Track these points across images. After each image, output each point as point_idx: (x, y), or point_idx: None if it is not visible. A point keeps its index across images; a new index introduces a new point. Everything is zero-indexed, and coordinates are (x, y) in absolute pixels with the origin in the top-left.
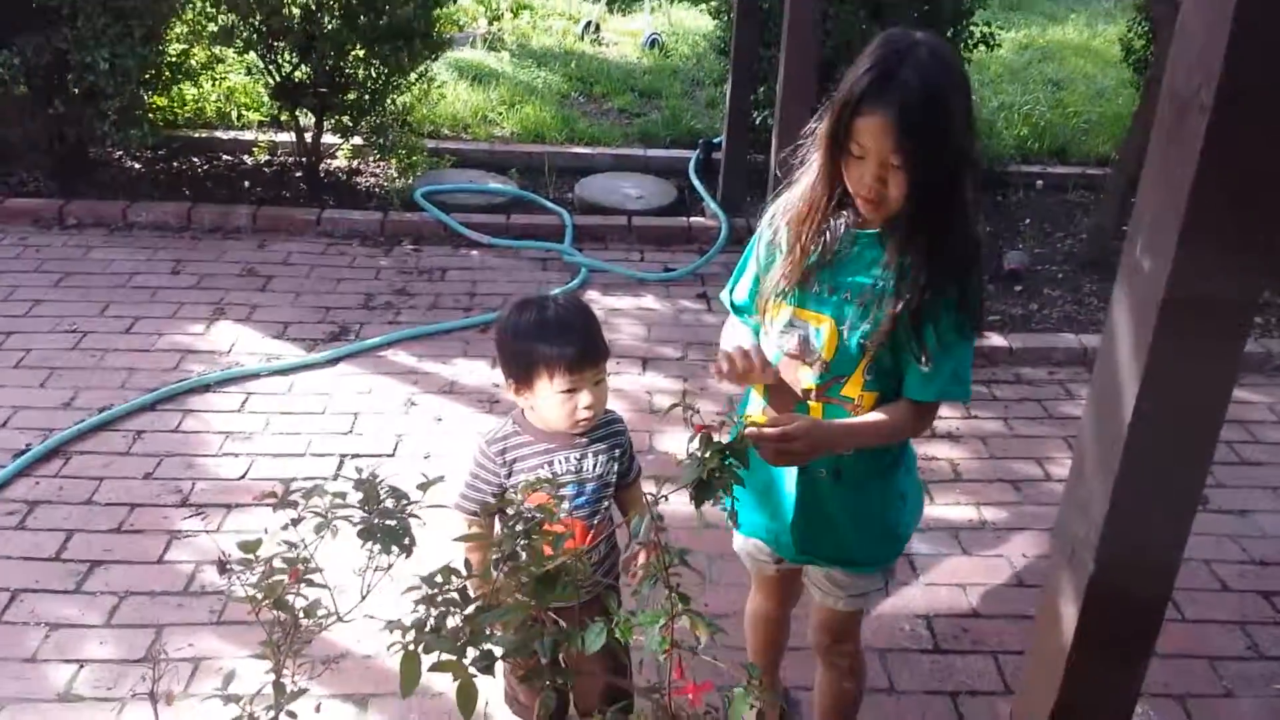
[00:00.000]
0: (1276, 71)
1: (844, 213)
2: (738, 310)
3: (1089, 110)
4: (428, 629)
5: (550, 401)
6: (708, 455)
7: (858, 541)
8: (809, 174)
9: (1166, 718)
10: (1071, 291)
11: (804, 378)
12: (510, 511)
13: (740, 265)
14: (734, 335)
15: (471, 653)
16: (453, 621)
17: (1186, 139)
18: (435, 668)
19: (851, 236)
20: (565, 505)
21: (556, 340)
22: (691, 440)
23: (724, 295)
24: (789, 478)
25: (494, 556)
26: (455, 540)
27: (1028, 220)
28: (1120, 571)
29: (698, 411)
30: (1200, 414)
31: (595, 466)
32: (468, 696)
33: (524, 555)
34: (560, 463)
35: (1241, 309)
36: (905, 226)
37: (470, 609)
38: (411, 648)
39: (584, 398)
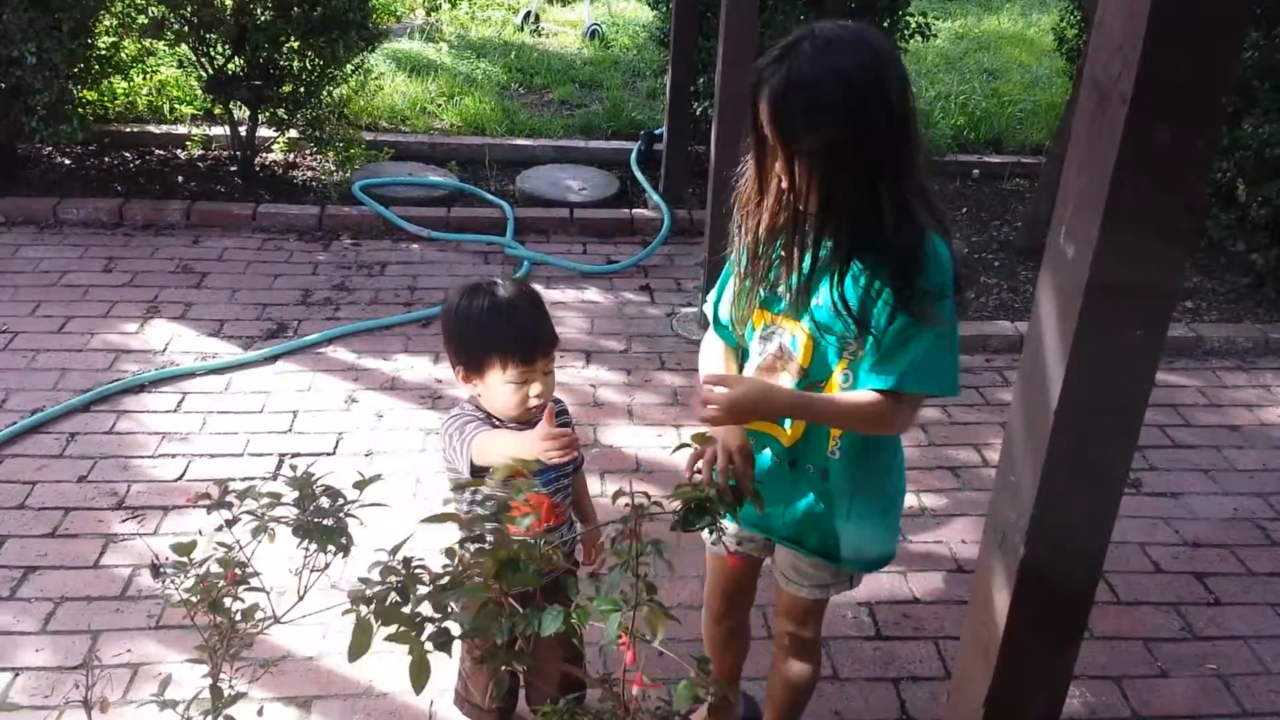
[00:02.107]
0: (1194, 61)
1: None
2: (719, 324)
3: (1024, 99)
4: (389, 602)
5: (501, 390)
6: (709, 489)
7: (840, 537)
8: (749, 165)
9: (1102, 699)
10: (1007, 279)
11: (783, 383)
12: (483, 493)
13: (723, 277)
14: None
15: (429, 628)
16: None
17: (1107, 128)
18: (392, 638)
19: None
20: (536, 483)
21: (509, 329)
22: (688, 473)
23: (707, 307)
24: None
25: (461, 536)
26: (423, 521)
27: (965, 209)
28: (1050, 555)
29: (711, 438)
30: (1125, 398)
31: None
32: (421, 669)
33: (489, 538)
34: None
35: (1164, 294)
36: (819, 219)
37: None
38: (367, 616)
39: (535, 387)
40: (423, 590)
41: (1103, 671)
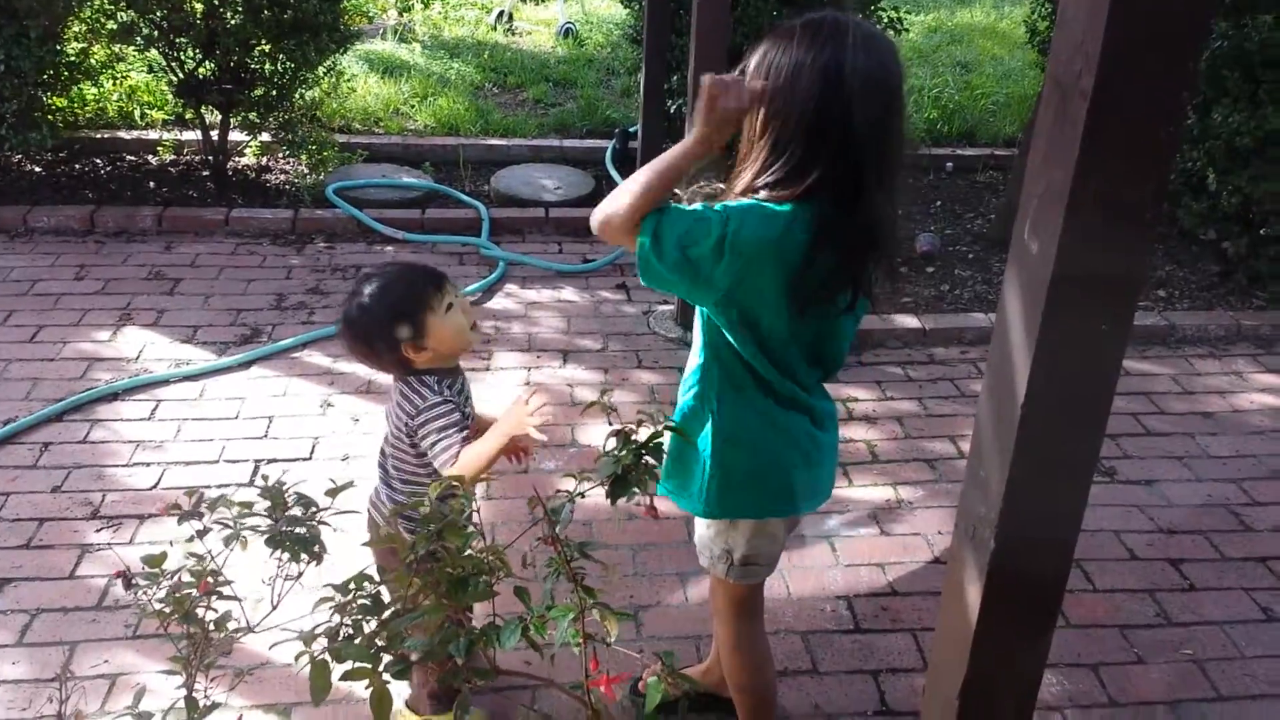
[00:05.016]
0: (1155, 57)
1: None
2: None
3: (996, 92)
4: (341, 637)
5: (449, 324)
6: (623, 453)
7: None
8: None
9: (1079, 686)
10: (982, 271)
11: None
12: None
13: None
14: None
15: (385, 658)
16: (367, 628)
17: (1069, 125)
18: (347, 676)
19: None
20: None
21: (407, 277)
22: (609, 438)
23: None
24: None
25: (408, 559)
26: (364, 545)
27: (939, 203)
28: (1020, 548)
29: (615, 410)
30: (1092, 391)
31: None
32: (382, 703)
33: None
34: (466, 385)
35: (1129, 287)
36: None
37: (385, 615)
38: (322, 657)
39: (463, 300)
40: (375, 621)
41: (1079, 659)
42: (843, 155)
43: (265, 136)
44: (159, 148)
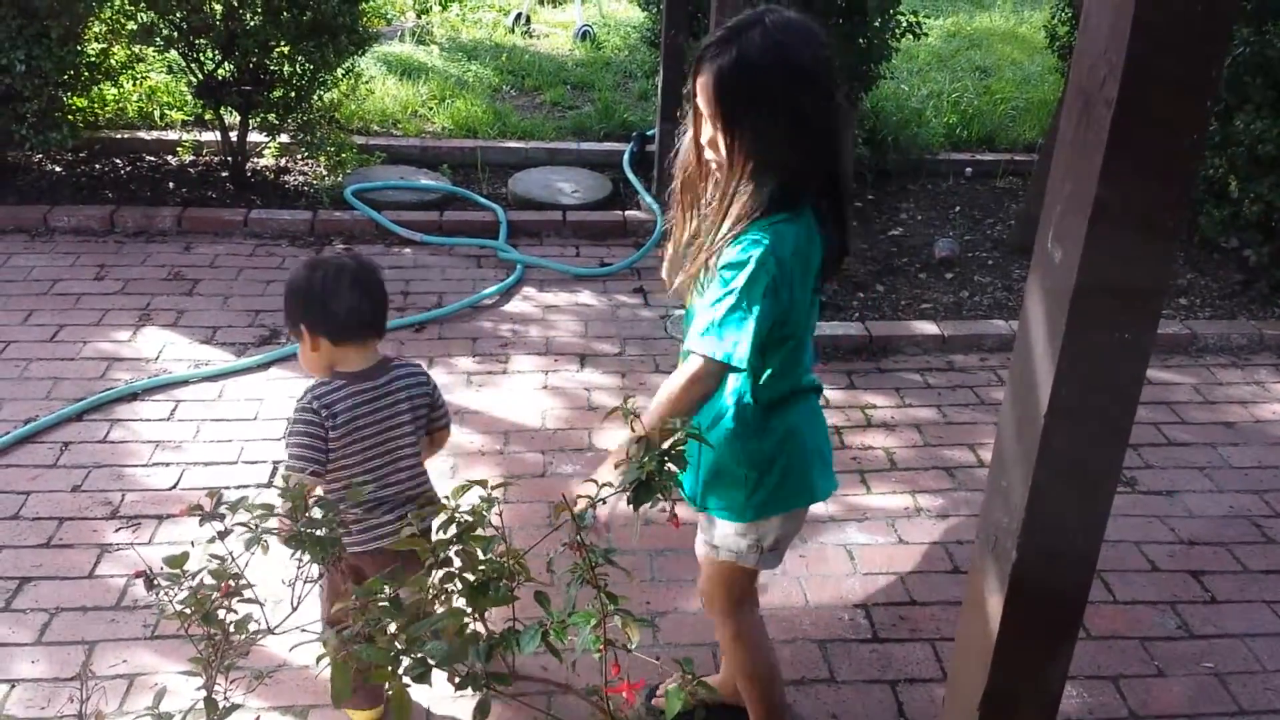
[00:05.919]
0: (1178, 65)
1: None
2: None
3: (1016, 97)
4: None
5: None
6: (646, 459)
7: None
8: (686, 134)
9: (1099, 699)
10: (1002, 278)
11: None
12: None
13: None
14: None
15: (405, 661)
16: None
17: (1093, 133)
18: (368, 678)
19: None
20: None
21: None
22: (630, 444)
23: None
24: None
25: (428, 562)
26: (388, 548)
27: (958, 208)
28: (1042, 559)
29: (638, 415)
30: (1115, 401)
31: None
32: (402, 705)
33: (457, 561)
34: None
35: (1152, 296)
36: (735, 191)
37: (405, 618)
38: (343, 658)
39: None
40: (395, 625)
41: (1099, 671)
42: (802, 152)
43: (284, 138)
44: (178, 148)
